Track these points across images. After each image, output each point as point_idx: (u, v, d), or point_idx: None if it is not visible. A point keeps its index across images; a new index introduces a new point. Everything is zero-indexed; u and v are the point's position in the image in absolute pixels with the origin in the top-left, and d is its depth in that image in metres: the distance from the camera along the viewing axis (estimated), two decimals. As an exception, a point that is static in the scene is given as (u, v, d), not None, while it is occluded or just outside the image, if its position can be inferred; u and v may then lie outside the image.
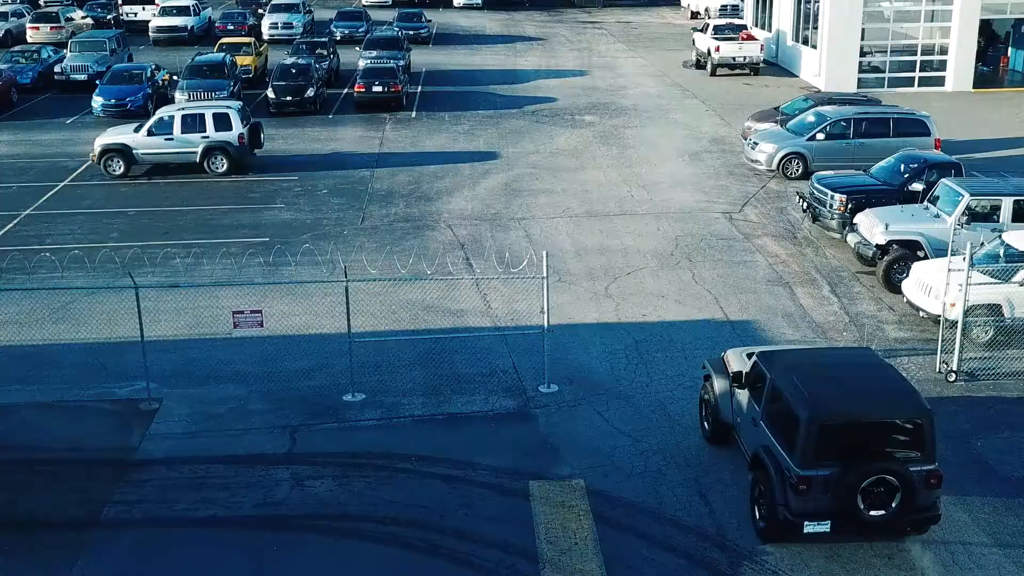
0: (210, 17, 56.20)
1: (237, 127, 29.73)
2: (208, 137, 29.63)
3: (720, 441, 15.28)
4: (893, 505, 12.26)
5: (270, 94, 37.18)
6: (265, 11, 55.71)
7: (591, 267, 22.76)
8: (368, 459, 15.18)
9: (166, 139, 29.66)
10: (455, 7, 71.04)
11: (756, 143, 29.99)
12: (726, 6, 63.81)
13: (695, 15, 66.79)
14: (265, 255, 23.28)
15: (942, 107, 39.32)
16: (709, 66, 45.75)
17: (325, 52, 43.15)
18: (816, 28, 44.12)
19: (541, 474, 14.75)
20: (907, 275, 20.29)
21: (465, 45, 54.48)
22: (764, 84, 43.93)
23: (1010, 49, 47.87)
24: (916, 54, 43.15)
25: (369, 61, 42.01)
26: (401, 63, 42.07)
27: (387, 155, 32.23)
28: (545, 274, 16.91)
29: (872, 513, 12.28)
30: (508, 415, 16.52)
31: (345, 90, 41.06)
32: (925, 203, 22.39)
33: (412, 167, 30.79)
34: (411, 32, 53.78)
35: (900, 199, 23.42)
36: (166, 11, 53.91)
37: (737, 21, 48.05)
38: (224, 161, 29.73)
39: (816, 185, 24.45)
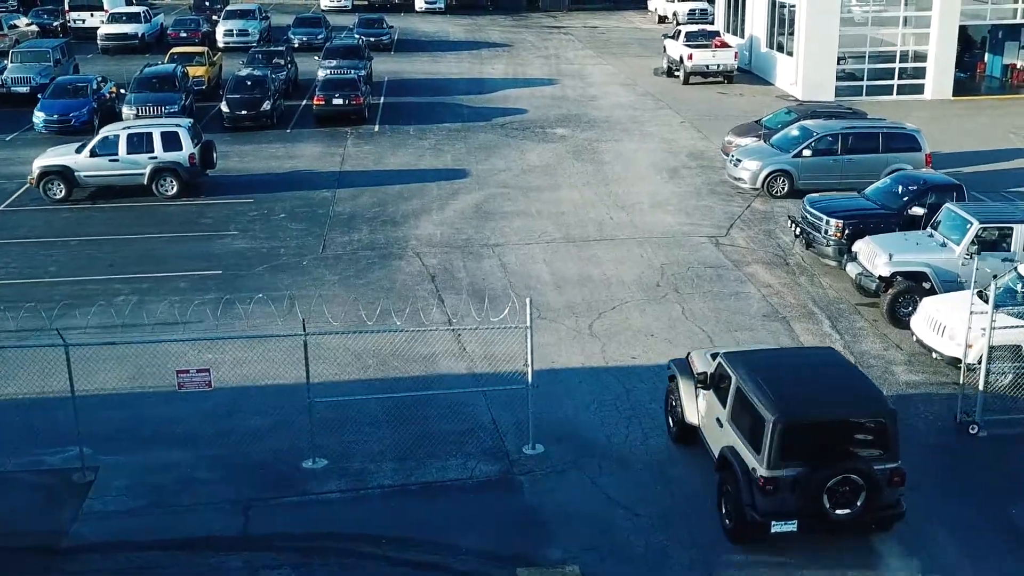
0: (162, 24, 53.94)
1: (187, 146, 27.72)
2: (156, 158, 27.58)
3: (685, 442, 15.26)
4: (859, 503, 12.40)
5: (224, 108, 35.14)
6: (219, 17, 53.54)
7: (572, 301, 21.07)
8: (332, 542, 13.39)
9: (111, 160, 27.58)
10: (416, 11, 69.21)
11: (739, 160, 28.46)
12: (694, 11, 62.75)
13: (662, 20, 65.42)
14: (217, 290, 21.39)
15: (923, 116, 38.09)
16: (681, 74, 44.27)
17: (282, 61, 41.17)
18: (792, 34, 42.80)
19: (529, 558, 13.02)
20: (914, 310, 18.81)
21: (428, 52, 52.67)
22: (739, 93, 42.52)
23: (986, 55, 46.89)
24: (894, 61, 41.95)
25: (329, 71, 40.10)
26: (362, 73, 40.20)
27: (349, 174, 30.37)
28: (529, 323, 15.17)
29: (838, 512, 12.39)
30: (490, 483, 14.77)
31: (304, 102, 39.13)
32: (928, 230, 20.91)
33: (376, 187, 28.96)
34: (372, 39, 51.90)
35: (900, 224, 21.94)
36: (115, 18, 51.60)
37: (710, 27, 46.63)
38: (174, 183, 27.72)
39: (809, 209, 22.92)
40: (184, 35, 51.12)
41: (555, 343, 19.12)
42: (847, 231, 21.85)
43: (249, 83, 36.06)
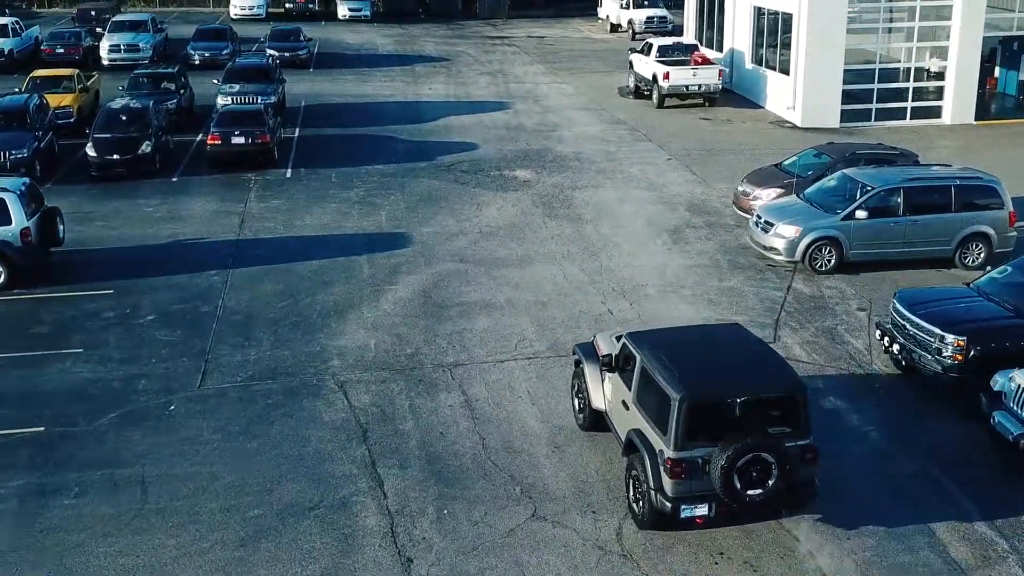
0: (37, 37, 45.51)
1: (19, 219, 19.96)
2: (-26, 234, 19.83)
3: (594, 428, 14.46)
4: (770, 483, 11.77)
5: (90, 151, 27.19)
6: (105, 30, 45.34)
7: (584, 479, 13.82)
8: None
9: (-92, 238, 19.77)
10: (340, 20, 61.50)
11: (768, 223, 21.54)
12: (652, 18, 56.21)
13: (615, 28, 58.68)
14: (28, 470, 13.80)
15: (948, 147, 31.78)
16: (655, 96, 37.34)
17: (173, 86, 33.35)
18: (785, 48, 36.16)
19: None
20: None
21: (354, 69, 45.08)
22: (725, 119, 35.74)
23: (997, 69, 40.77)
24: (909, 80, 35.56)
25: (230, 99, 32.39)
26: (272, 100, 32.58)
27: (249, 243, 22.81)
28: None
29: (750, 492, 11.75)
30: None
31: (199, 137, 31.40)
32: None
33: (285, 264, 21.45)
34: (287, 54, 44.31)
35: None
36: (-26, 31, 43.17)
37: (687, 40, 39.77)
38: (0, 270, 19.96)
39: (908, 315, 15.98)
40: (61, 51, 43.07)
41: (569, 571, 11.90)
42: (973, 352, 14.99)
43: (124, 117, 28.22)
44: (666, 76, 36.56)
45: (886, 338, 16.25)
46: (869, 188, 21.24)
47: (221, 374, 16.65)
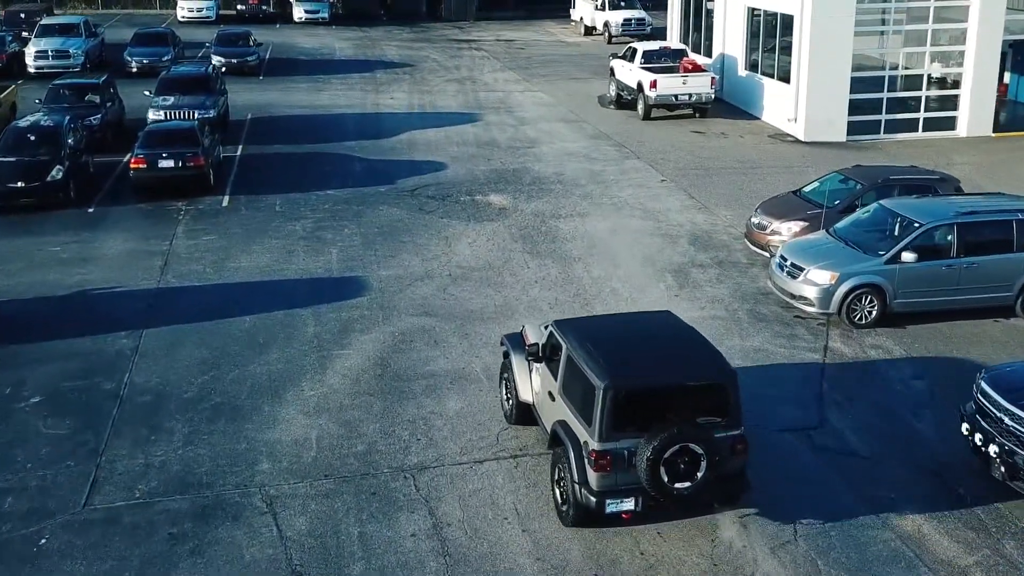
0: (-43, 42, 41.21)
1: None
2: None
3: (521, 422, 13.71)
4: (699, 475, 11.22)
5: (-11, 178, 23.25)
6: (32, 34, 41.11)
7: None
8: None
9: None
10: (296, 23, 57.54)
11: (796, 265, 17.95)
12: (630, 20, 52.80)
13: (590, 31, 55.16)
14: None
15: (968, 164, 28.49)
16: (641, 107, 33.74)
17: (98, 98, 29.32)
18: (784, 53, 32.70)
19: None
20: None
21: (308, 76, 41.15)
22: (720, 132, 32.21)
23: (1007, 75, 37.55)
24: (921, 88, 32.21)
25: (163, 113, 28.44)
26: (210, 114, 28.64)
27: (171, 293, 18.90)
28: None
29: (677, 485, 11.19)
30: None
31: (127, 156, 27.37)
32: None
33: (212, 322, 17.58)
34: (234, 60, 40.42)
35: None
36: None
37: (675, 45, 36.18)
38: None
39: (1006, 406, 12.36)
40: (-18, 58, 38.76)
41: None
42: (1100, 459, 11.45)
43: (33, 137, 24.22)
44: (653, 85, 32.96)
45: (976, 434, 12.64)
46: (916, 224, 17.71)
47: (115, 486, 12.77)
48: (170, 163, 24.04)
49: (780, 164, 28.30)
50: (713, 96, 33.52)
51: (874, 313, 17.55)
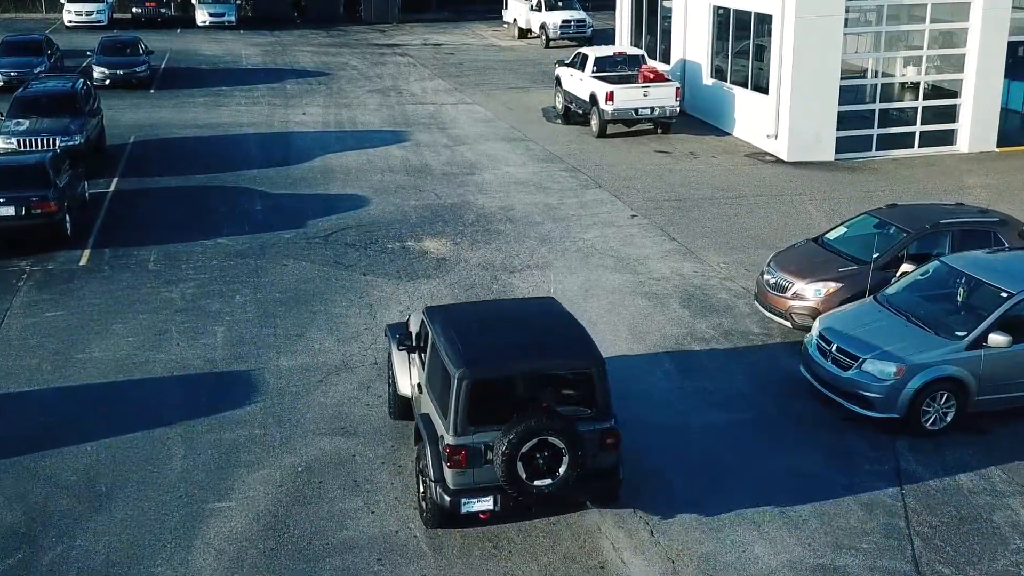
0: None
1: None
2: None
3: (404, 417, 12.74)
4: (561, 472, 10.33)
5: None
6: None
7: None
8: None
9: None
10: (199, 26, 51.88)
11: (844, 352, 13.28)
12: (569, 22, 48.13)
13: (525, 34, 50.46)
14: None
15: (983, 186, 24.45)
16: (595, 122, 29.05)
17: (-66, 123, 23.69)
18: (758, 60, 28.28)
19: None
20: None
21: (208, 89, 35.70)
22: (688, 152, 27.64)
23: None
24: (917, 98, 28.01)
25: (15, 141, 22.94)
26: (76, 141, 23.23)
27: (-12, 405, 13.64)
28: None
29: (537, 482, 10.34)
30: None
31: (-33, 196, 21.78)
32: None
33: (33, 455, 12.31)
34: (119, 72, 34.89)
35: None
36: None
37: (632, 50, 31.51)
38: None
39: None
40: None
41: None
42: None
43: None
44: (609, 97, 28.25)
45: None
46: (1004, 293, 13.21)
47: None
48: (10, 210, 18.61)
49: (767, 191, 23.85)
50: (678, 109, 28.92)
51: (951, 415, 13.01)
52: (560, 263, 18.99)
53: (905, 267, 14.89)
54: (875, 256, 15.34)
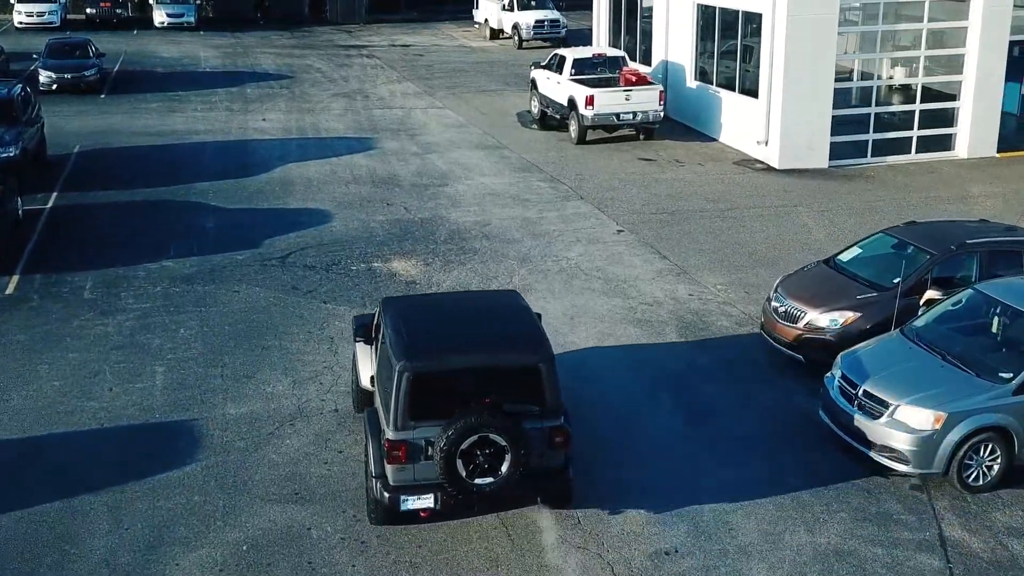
0: None
1: None
2: None
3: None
4: (503, 470, 9.96)
5: None
6: None
7: None
8: None
9: None
10: (157, 28, 49.76)
11: (873, 397, 11.61)
12: (543, 22, 46.49)
13: (497, 34, 48.73)
14: None
15: (989, 194, 23.04)
16: (574, 128, 27.32)
17: None
18: (745, 61, 26.68)
19: None
20: None
21: (163, 93, 33.69)
22: (674, 159, 26.00)
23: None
24: (914, 101, 26.49)
25: (-61, 153, 20.91)
26: (10, 154, 21.33)
27: None
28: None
29: (478, 481, 10.00)
30: None
31: None
32: None
33: (-64, 530, 10.48)
34: (67, 76, 32.87)
35: None
36: None
37: (612, 52, 29.79)
38: None
39: None
40: None
41: None
42: None
43: None
44: (589, 102, 26.54)
45: None
46: (1050, 328, 11.61)
47: None
48: (-74, 234, 16.64)
49: (760, 202, 22.23)
50: (662, 114, 27.27)
51: (995, 469, 11.37)
52: (542, 286, 17.24)
53: (930, 294, 13.31)
54: (897, 281, 13.70)
